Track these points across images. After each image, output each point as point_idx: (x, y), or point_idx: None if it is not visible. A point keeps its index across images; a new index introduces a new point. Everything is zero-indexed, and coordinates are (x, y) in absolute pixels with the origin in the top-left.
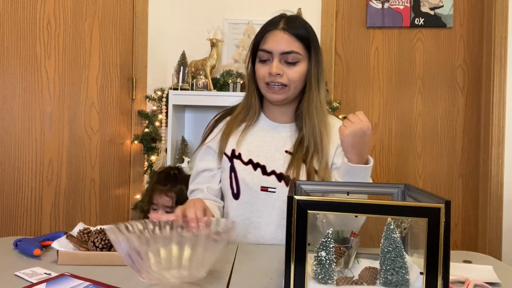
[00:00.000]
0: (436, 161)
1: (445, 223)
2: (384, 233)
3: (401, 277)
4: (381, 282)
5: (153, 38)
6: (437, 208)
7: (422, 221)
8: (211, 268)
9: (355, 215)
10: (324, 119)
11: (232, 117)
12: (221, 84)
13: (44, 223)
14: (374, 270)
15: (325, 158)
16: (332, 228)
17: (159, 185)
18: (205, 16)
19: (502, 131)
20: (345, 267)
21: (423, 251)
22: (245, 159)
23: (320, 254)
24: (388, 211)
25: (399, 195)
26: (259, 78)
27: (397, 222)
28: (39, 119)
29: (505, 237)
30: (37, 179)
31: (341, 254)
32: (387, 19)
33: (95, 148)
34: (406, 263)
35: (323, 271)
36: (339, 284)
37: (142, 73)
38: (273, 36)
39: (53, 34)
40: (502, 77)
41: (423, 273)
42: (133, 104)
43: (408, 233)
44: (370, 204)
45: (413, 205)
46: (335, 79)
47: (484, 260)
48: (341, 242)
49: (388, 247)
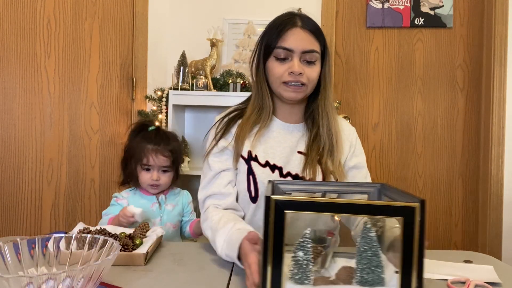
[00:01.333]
0: (436, 161)
1: (420, 221)
2: (361, 232)
3: (377, 276)
4: (357, 281)
5: (153, 38)
6: (412, 207)
7: (390, 222)
8: (211, 268)
9: (332, 215)
10: (336, 119)
11: (245, 119)
12: (221, 84)
13: (44, 223)
14: (351, 270)
15: (338, 157)
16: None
17: (151, 145)
18: (205, 16)
19: (502, 131)
20: (322, 267)
21: (399, 249)
22: (262, 161)
23: (297, 254)
24: (364, 210)
25: (375, 194)
26: (274, 77)
27: (373, 221)
28: (39, 119)
29: (505, 237)
30: (37, 179)
31: (318, 253)
32: (387, 19)
33: (95, 148)
34: (382, 262)
35: (300, 271)
36: (316, 284)
37: (142, 73)
38: (294, 33)
39: (53, 34)
40: (502, 77)
41: (398, 272)
42: (133, 104)
43: (383, 232)
44: (346, 204)
45: (389, 204)
46: (335, 79)
47: (484, 260)
48: (318, 242)
49: (364, 246)
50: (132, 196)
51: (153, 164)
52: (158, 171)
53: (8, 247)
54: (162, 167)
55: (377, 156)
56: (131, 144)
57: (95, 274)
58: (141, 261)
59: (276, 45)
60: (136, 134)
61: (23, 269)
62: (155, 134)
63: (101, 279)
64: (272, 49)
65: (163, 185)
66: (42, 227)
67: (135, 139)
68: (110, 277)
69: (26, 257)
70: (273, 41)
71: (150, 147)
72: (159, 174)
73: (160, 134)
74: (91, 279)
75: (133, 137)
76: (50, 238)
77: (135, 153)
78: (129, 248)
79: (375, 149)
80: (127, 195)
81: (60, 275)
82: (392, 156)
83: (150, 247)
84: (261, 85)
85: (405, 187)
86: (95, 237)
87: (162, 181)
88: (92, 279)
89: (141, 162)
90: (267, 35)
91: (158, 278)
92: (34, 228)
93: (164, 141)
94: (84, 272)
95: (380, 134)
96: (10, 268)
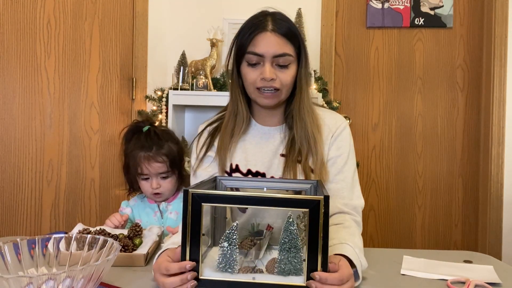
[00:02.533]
0: (436, 161)
1: (324, 213)
2: (284, 225)
3: (293, 266)
4: (276, 271)
5: (153, 38)
6: (317, 200)
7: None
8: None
9: (245, 207)
10: (314, 119)
11: (223, 129)
12: (221, 84)
13: (44, 223)
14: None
15: (319, 157)
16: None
17: (142, 151)
18: (205, 16)
19: (502, 131)
20: (256, 258)
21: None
22: (243, 170)
23: (223, 245)
24: (274, 203)
25: (311, 190)
26: (248, 83)
27: (297, 214)
28: (39, 119)
29: (505, 237)
30: (37, 179)
31: (252, 245)
32: (387, 19)
33: (95, 148)
34: (300, 253)
35: (224, 260)
36: (240, 273)
37: (142, 73)
38: (264, 38)
39: (53, 34)
40: (502, 77)
41: (305, 260)
42: (133, 104)
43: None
44: (257, 197)
45: (296, 198)
46: (335, 79)
47: (484, 260)
48: (256, 234)
49: (285, 239)
50: (138, 204)
51: (148, 173)
52: (157, 178)
53: (8, 247)
54: (159, 174)
55: (377, 156)
56: (125, 151)
57: (95, 275)
58: (142, 261)
59: (247, 50)
60: (130, 139)
61: (23, 269)
62: (145, 137)
63: (101, 279)
64: (243, 54)
65: (167, 192)
66: (42, 227)
67: (128, 145)
68: (110, 277)
69: (26, 257)
70: (244, 45)
71: (142, 154)
72: (159, 181)
73: (151, 136)
74: (91, 279)
75: (126, 142)
76: (50, 238)
77: (130, 162)
78: (129, 248)
79: (375, 149)
80: (134, 202)
81: (60, 275)
82: (392, 156)
83: (150, 247)
84: (234, 90)
85: (405, 187)
86: (95, 238)
87: (163, 188)
88: (92, 279)
89: (137, 172)
90: (239, 38)
91: None
92: (34, 228)
93: (157, 144)
94: (84, 273)
95: (380, 134)
96: (10, 268)
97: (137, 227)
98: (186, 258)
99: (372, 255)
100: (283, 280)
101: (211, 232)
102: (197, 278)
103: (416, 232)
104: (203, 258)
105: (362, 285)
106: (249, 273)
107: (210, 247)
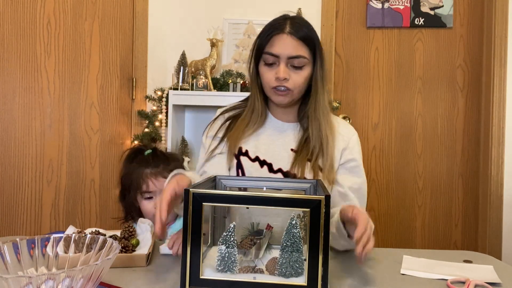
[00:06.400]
0: (436, 161)
1: (325, 213)
2: (286, 227)
3: (295, 270)
4: (277, 272)
5: (153, 38)
6: (319, 200)
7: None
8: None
9: (246, 207)
10: (329, 121)
11: (240, 120)
12: (221, 84)
13: (44, 223)
14: (276, 261)
15: (330, 160)
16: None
17: (148, 168)
18: (205, 16)
19: (502, 131)
20: (256, 257)
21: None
22: (252, 156)
23: (221, 248)
24: (275, 203)
25: (311, 189)
26: (264, 82)
27: (298, 214)
28: (39, 119)
29: (505, 237)
30: (37, 179)
31: (252, 245)
32: (387, 19)
33: (95, 148)
34: (302, 256)
35: (223, 263)
36: (240, 273)
37: (142, 73)
38: (280, 40)
39: (53, 34)
40: (502, 77)
41: (306, 260)
42: (133, 104)
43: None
44: (258, 197)
45: (297, 197)
46: (335, 79)
47: (484, 260)
48: (256, 234)
49: (287, 242)
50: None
51: (154, 190)
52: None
53: (7, 247)
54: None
55: (377, 156)
56: (126, 171)
57: (94, 274)
58: (143, 262)
59: (264, 50)
60: (132, 160)
61: (22, 269)
62: (152, 156)
63: (100, 279)
64: (261, 54)
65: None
66: (42, 227)
67: (130, 165)
68: (110, 277)
69: (25, 257)
70: (262, 45)
71: (148, 171)
72: None
73: (157, 155)
74: (90, 279)
75: (128, 163)
76: (50, 238)
77: (132, 181)
78: (130, 249)
79: (375, 149)
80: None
81: (59, 275)
82: (392, 156)
83: (150, 247)
84: (253, 88)
85: (405, 187)
86: (94, 238)
87: None
88: (92, 279)
89: (140, 190)
90: (259, 38)
91: (158, 278)
92: (34, 228)
93: (164, 162)
94: (83, 272)
95: (380, 134)
96: (10, 268)
97: (130, 228)
98: (186, 257)
99: (372, 255)
100: (284, 280)
101: (211, 232)
102: (198, 278)
103: (416, 232)
104: (203, 258)
105: (362, 285)
106: (249, 272)
107: (209, 246)
